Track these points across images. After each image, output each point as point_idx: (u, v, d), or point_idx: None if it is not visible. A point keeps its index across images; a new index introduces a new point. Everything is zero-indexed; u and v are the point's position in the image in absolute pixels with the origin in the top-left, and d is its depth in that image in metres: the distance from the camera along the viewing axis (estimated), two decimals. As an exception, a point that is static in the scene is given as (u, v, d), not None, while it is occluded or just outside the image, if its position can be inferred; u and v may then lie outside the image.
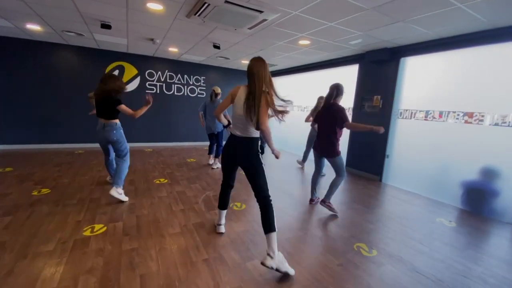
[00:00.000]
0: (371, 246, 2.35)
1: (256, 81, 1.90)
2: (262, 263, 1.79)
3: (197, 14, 3.18)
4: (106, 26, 3.88)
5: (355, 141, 5.11)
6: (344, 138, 5.21)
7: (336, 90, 2.91)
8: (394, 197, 3.81)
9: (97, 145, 3.80)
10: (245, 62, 6.45)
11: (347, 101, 5.33)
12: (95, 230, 2.33)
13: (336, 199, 3.55)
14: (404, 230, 2.72)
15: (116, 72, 6.20)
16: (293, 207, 3.20)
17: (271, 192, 2.03)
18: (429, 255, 2.26)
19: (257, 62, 1.94)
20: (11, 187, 3.24)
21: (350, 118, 5.12)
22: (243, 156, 2.03)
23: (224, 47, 4.98)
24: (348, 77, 5.33)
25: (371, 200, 3.62)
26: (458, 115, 3.56)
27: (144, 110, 3.00)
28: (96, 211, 2.72)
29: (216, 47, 4.82)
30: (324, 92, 3.09)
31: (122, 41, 5.00)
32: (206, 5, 2.89)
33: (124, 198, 3.00)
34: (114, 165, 3.24)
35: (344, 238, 2.48)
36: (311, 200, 3.31)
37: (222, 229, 2.43)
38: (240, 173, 4.54)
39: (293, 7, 2.90)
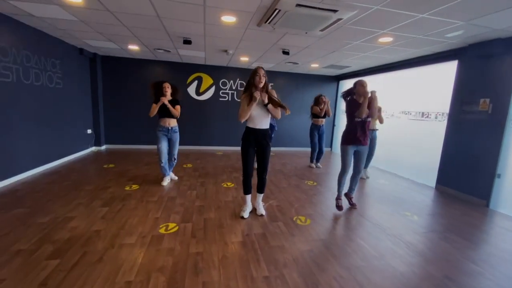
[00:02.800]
0: (476, 295, 1.81)
1: None
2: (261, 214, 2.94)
3: (268, 22, 3.17)
4: (187, 41, 4.30)
5: (451, 153, 4.20)
6: (436, 149, 4.37)
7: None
8: (510, 230, 2.92)
9: (181, 147, 4.38)
10: (315, 66, 6.18)
11: (440, 105, 4.47)
12: (168, 228, 2.53)
13: (422, 224, 2.95)
14: (530, 280, 2.01)
15: (195, 83, 6.88)
16: (364, 228, 2.80)
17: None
18: None
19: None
20: (111, 182, 3.89)
21: (437, 124, 4.34)
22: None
23: (293, 52, 4.87)
24: (441, 76, 4.48)
25: (474, 231, 2.86)
26: None
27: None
28: (171, 210, 2.98)
29: (285, 53, 4.75)
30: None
31: (201, 54, 5.49)
32: (277, 11, 2.84)
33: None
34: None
35: (435, 278, 1.99)
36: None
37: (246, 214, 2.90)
38: (306, 183, 4.33)
39: (373, 2, 2.55)
